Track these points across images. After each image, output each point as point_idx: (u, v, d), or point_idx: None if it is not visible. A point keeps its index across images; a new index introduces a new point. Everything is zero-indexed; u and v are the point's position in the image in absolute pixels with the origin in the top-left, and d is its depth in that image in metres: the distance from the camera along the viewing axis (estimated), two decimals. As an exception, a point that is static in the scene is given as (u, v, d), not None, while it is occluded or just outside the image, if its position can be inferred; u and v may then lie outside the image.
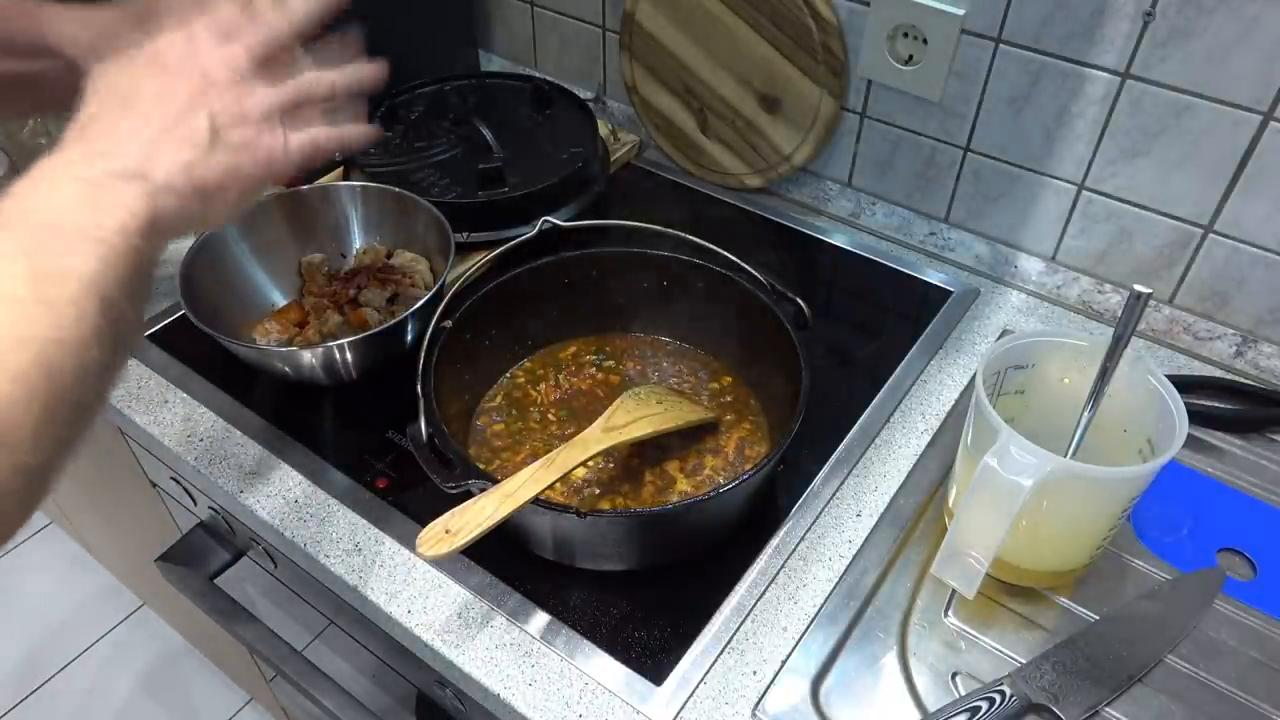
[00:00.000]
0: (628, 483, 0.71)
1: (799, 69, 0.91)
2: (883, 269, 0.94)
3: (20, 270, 0.38)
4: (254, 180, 0.49)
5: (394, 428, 0.76)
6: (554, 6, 1.10)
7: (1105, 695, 0.59)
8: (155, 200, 0.43)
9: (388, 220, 0.87)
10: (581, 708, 0.60)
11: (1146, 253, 0.83)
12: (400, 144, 0.97)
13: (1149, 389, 0.60)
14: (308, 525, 0.70)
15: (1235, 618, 0.64)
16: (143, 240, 0.42)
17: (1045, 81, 0.80)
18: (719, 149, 1.01)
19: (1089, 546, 0.63)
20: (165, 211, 0.43)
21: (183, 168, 0.45)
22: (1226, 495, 0.72)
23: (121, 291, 0.40)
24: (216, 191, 0.46)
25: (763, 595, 0.66)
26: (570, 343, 0.82)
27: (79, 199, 0.41)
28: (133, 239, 0.41)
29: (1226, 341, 0.83)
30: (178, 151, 0.45)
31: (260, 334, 0.80)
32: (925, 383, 0.81)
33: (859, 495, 0.72)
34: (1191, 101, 0.74)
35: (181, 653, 1.68)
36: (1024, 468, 0.54)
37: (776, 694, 0.60)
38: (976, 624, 0.64)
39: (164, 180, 0.44)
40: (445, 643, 0.63)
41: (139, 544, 1.24)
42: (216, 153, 0.46)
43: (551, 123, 1.01)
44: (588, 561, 0.66)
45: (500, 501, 0.58)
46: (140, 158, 0.44)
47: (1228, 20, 0.69)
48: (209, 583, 0.83)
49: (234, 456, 0.75)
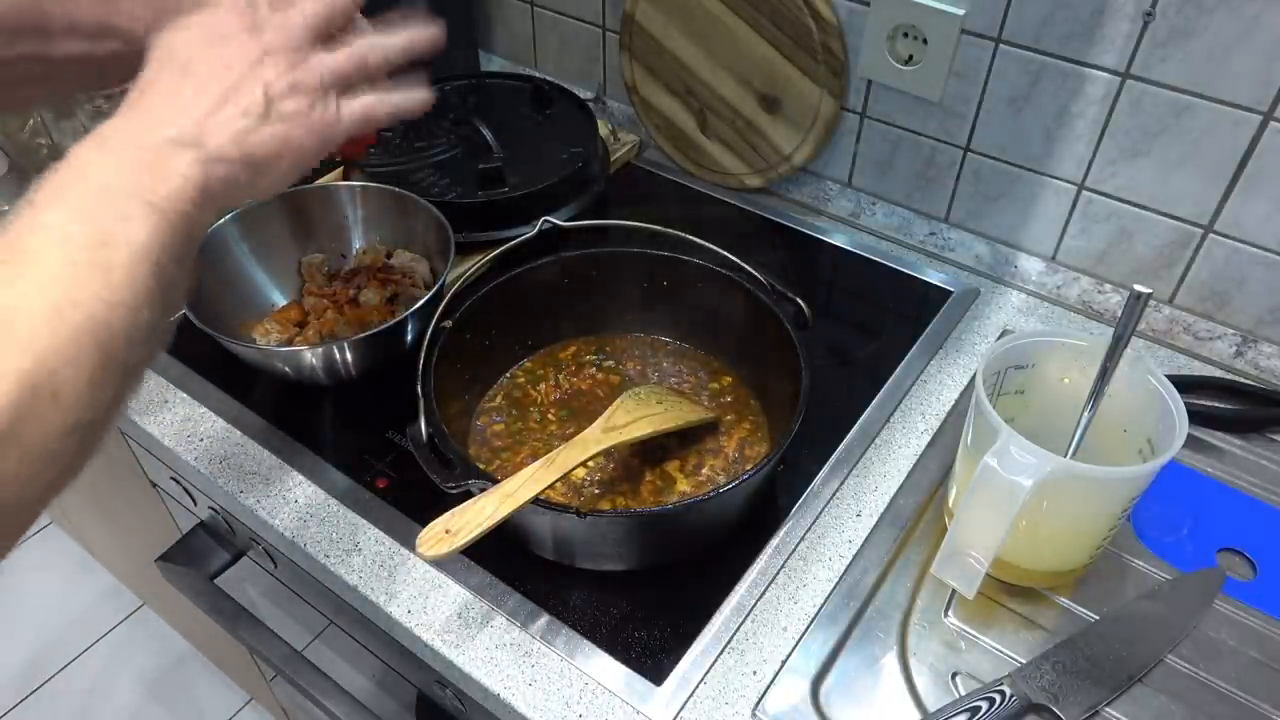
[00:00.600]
0: (628, 483, 0.71)
1: (799, 69, 0.91)
2: (883, 269, 0.94)
3: (76, 234, 0.38)
4: (307, 150, 0.49)
5: (394, 428, 0.76)
6: (554, 6, 1.10)
7: (1105, 695, 0.59)
8: (208, 169, 0.43)
9: (388, 220, 0.87)
10: (581, 708, 0.60)
11: (1146, 253, 0.83)
12: (400, 144, 0.97)
13: (1149, 389, 0.60)
14: (308, 525, 0.70)
15: (1235, 618, 0.64)
16: (194, 208, 0.42)
17: (1045, 81, 0.80)
18: (719, 149, 1.01)
19: (1089, 546, 0.63)
20: (217, 180, 0.44)
21: (235, 136, 0.45)
22: (1226, 495, 0.72)
23: (170, 256, 0.41)
24: (268, 161, 0.47)
25: (763, 595, 0.66)
26: (570, 343, 0.82)
27: (134, 165, 0.42)
28: (184, 206, 0.42)
29: (1226, 341, 0.83)
30: (232, 120, 0.45)
31: (260, 334, 0.80)
32: (925, 383, 0.81)
33: (859, 495, 0.72)
34: (1191, 101, 0.74)
35: (182, 653, 1.68)
36: (1024, 468, 0.54)
37: (776, 694, 0.60)
38: (976, 624, 0.64)
39: (216, 149, 0.44)
40: (445, 643, 0.63)
41: (139, 544, 1.24)
42: (270, 122, 0.47)
43: (551, 123, 1.01)
44: (588, 561, 0.66)
45: (500, 501, 0.58)
46: (194, 126, 0.44)
47: (1228, 20, 0.69)
48: (209, 583, 0.83)
49: (234, 457, 0.75)
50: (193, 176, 0.43)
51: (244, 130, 0.46)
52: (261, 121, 0.46)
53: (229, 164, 0.45)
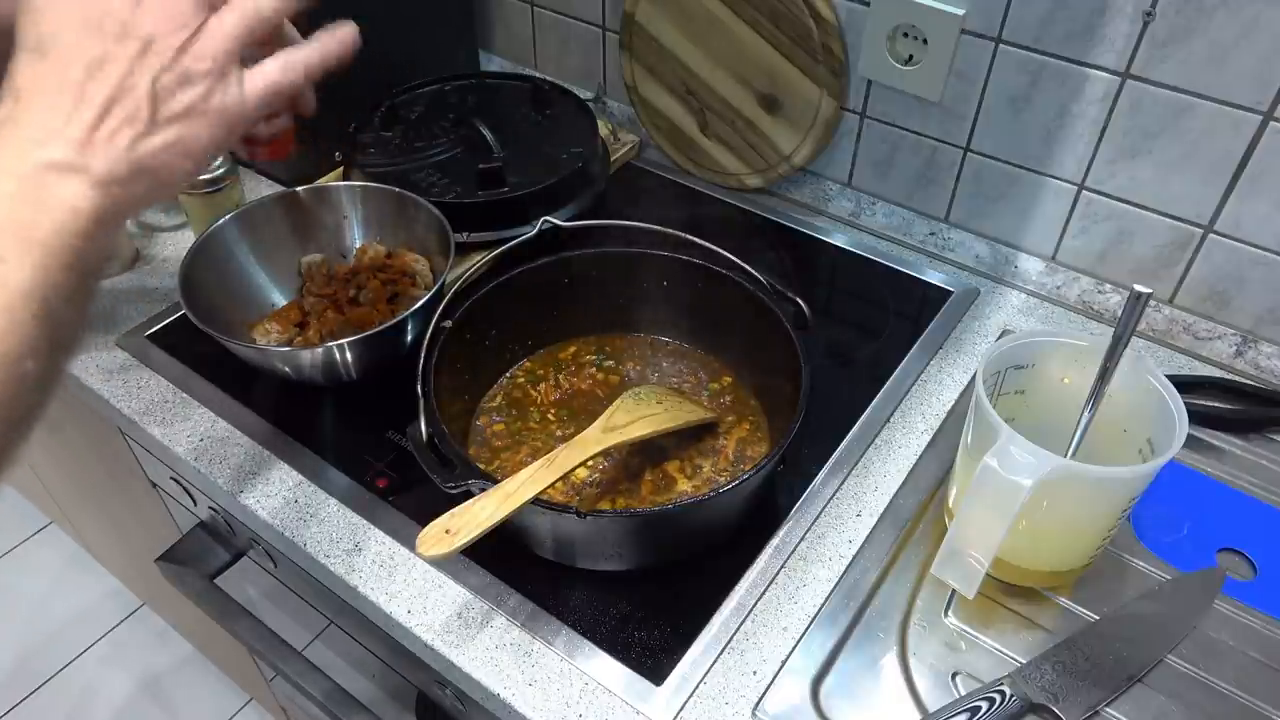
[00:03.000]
0: (627, 483, 0.71)
1: (799, 69, 0.91)
2: (883, 269, 0.94)
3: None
4: (210, 146, 0.43)
5: (394, 428, 0.76)
6: (554, 6, 1.10)
7: (1105, 695, 0.59)
8: (96, 194, 0.39)
9: (388, 220, 0.87)
10: (581, 708, 0.60)
11: (1146, 253, 0.83)
12: (400, 144, 0.97)
13: (1149, 389, 0.60)
14: (308, 525, 0.70)
15: (1235, 618, 0.64)
16: (83, 240, 0.38)
17: (1045, 81, 0.80)
18: (719, 149, 1.01)
19: (1089, 546, 0.63)
20: (109, 204, 0.39)
21: (125, 151, 0.40)
22: (1226, 495, 0.72)
23: (60, 296, 0.37)
24: (166, 168, 0.41)
25: (763, 595, 0.66)
26: (570, 343, 0.82)
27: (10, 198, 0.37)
28: (74, 240, 0.37)
29: (1226, 341, 0.83)
30: (118, 133, 0.40)
31: (260, 334, 0.80)
32: (925, 383, 0.81)
33: (859, 495, 0.72)
34: (1191, 102, 0.74)
35: (181, 653, 1.68)
36: (1024, 468, 0.54)
37: (776, 694, 0.60)
38: (976, 624, 0.64)
39: (105, 170, 0.39)
40: (445, 643, 0.63)
41: (139, 544, 1.24)
42: (162, 127, 0.41)
43: (551, 123, 1.01)
44: (588, 561, 0.66)
45: (500, 501, 0.58)
46: (77, 146, 0.39)
47: (1228, 20, 0.69)
48: (209, 583, 0.83)
49: (234, 456, 0.75)
50: (81, 207, 0.38)
51: (133, 141, 0.40)
52: (152, 127, 0.40)
53: (120, 183, 0.40)
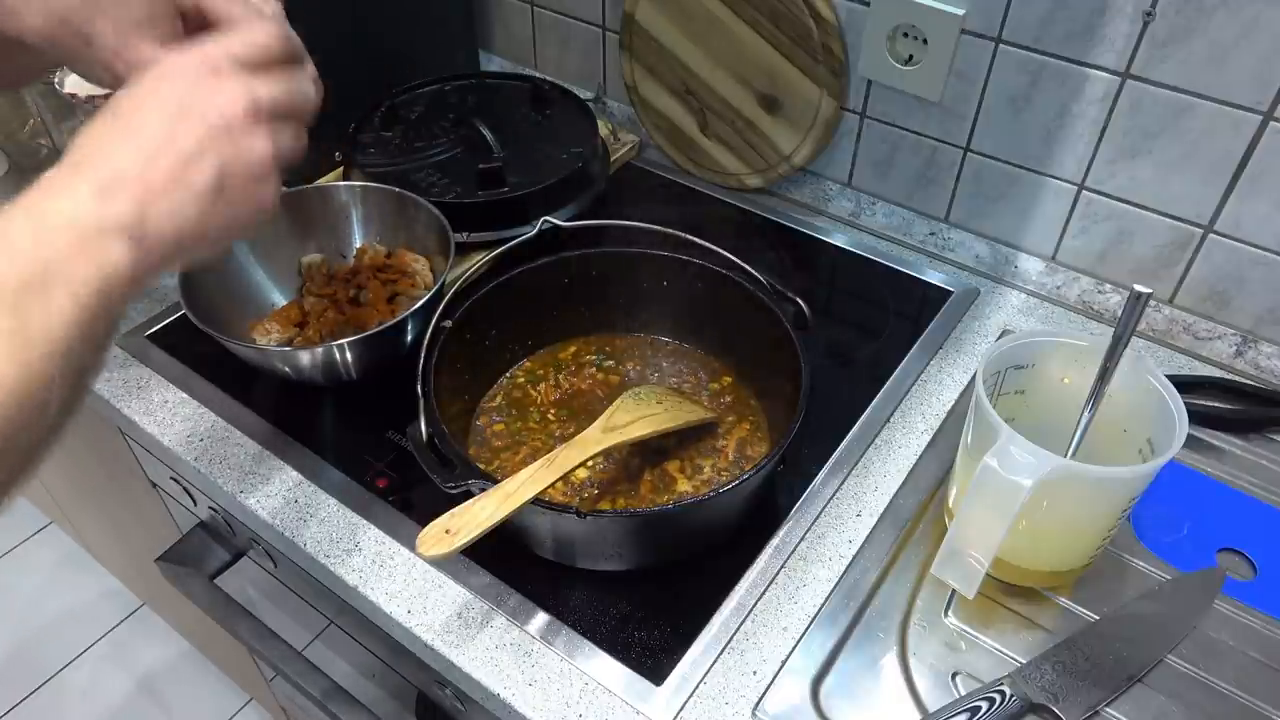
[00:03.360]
0: (627, 483, 0.71)
1: (799, 69, 0.90)
2: (883, 269, 0.94)
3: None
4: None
5: (394, 428, 0.76)
6: (554, 6, 1.10)
7: (1105, 695, 0.59)
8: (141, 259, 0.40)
9: (388, 220, 0.87)
10: (581, 708, 0.60)
11: (1146, 253, 0.83)
12: (400, 144, 0.97)
13: (1149, 389, 0.60)
14: (308, 525, 0.70)
15: (1235, 618, 0.64)
16: (118, 301, 0.40)
17: (1045, 81, 0.80)
18: (719, 149, 1.01)
19: (1089, 546, 0.63)
20: (147, 269, 0.41)
21: (177, 225, 0.42)
22: (1226, 495, 0.72)
23: (86, 346, 0.39)
24: (199, 247, 0.44)
25: (763, 595, 0.66)
26: (570, 343, 0.82)
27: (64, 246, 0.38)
28: (108, 300, 0.39)
29: (1226, 341, 0.83)
30: (179, 205, 0.42)
31: (260, 334, 0.80)
32: (925, 383, 0.81)
33: (859, 495, 0.72)
34: (1191, 102, 0.74)
35: (181, 653, 1.68)
36: (1024, 468, 0.54)
37: (776, 694, 0.60)
38: (976, 624, 0.64)
39: (155, 237, 0.41)
40: (445, 643, 0.63)
41: (139, 544, 1.24)
42: (217, 207, 0.43)
43: (551, 123, 1.01)
44: (588, 561, 0.66)
45: (500, 501, 0.58)
46: (139, 208, 0.41)
47: (1228, 20, 0.69)
48: (209, 583, 0.83)
49: (234, 456, 0.75)
50: (123, 271, 0.40)
51: (188, 217, 0.42)
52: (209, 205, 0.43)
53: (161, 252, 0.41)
